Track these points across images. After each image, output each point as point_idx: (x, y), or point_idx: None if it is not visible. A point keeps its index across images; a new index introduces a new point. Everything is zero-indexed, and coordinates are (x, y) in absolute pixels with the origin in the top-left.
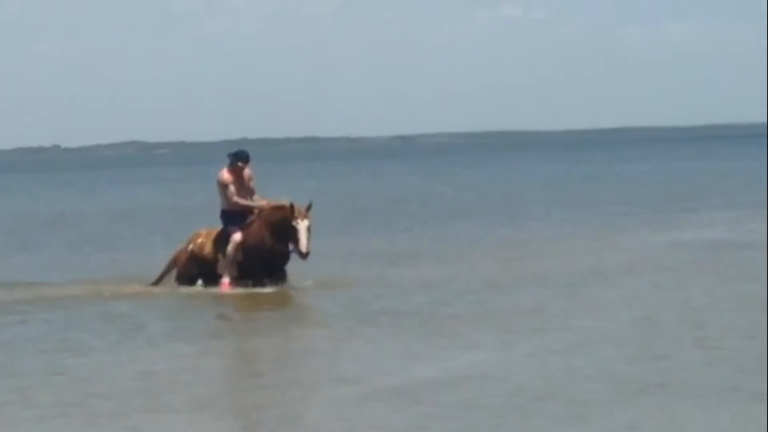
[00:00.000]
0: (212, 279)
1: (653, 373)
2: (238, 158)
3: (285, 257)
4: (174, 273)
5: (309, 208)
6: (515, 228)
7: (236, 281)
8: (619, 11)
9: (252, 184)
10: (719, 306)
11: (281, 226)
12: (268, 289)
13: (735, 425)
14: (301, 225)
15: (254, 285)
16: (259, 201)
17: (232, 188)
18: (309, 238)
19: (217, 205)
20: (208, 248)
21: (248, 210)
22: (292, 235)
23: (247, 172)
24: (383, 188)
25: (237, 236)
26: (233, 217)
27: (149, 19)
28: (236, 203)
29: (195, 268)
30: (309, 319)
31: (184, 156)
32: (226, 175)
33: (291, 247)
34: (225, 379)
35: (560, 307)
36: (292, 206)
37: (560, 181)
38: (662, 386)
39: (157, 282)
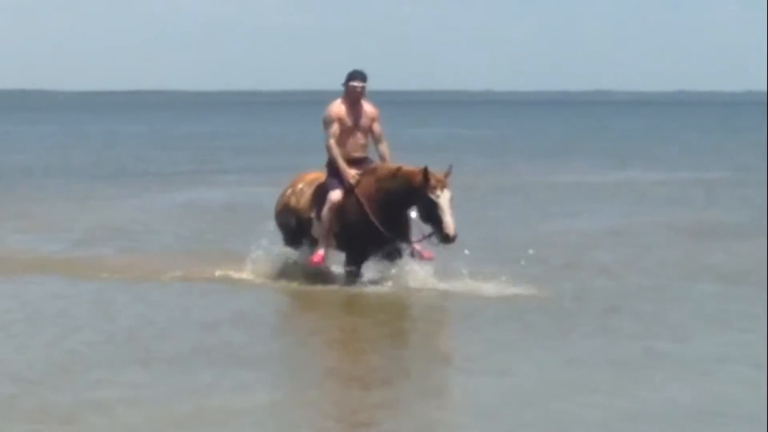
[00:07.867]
0: (308, 239)
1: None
2: (352, 77)
3: (390, 241)
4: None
5: (449, 173)
6: None
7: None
8: None
9: (376, 127)
10: None
11: (398, 199)
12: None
13: None
14: (443, 197)
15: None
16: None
17: (335, 127)
18: (453, 215)
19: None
20: (304, 200)
21: (357, 163)
22: (430, 211)
23: (369, 109)
24: None
25: (335, 195)
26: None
27: None
28: (330, 151)
29: (292, 220)
30: None
31: None
32: (335, 107)
33: (426, 231)
34: None
35: None
36: (426, 171)
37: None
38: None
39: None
